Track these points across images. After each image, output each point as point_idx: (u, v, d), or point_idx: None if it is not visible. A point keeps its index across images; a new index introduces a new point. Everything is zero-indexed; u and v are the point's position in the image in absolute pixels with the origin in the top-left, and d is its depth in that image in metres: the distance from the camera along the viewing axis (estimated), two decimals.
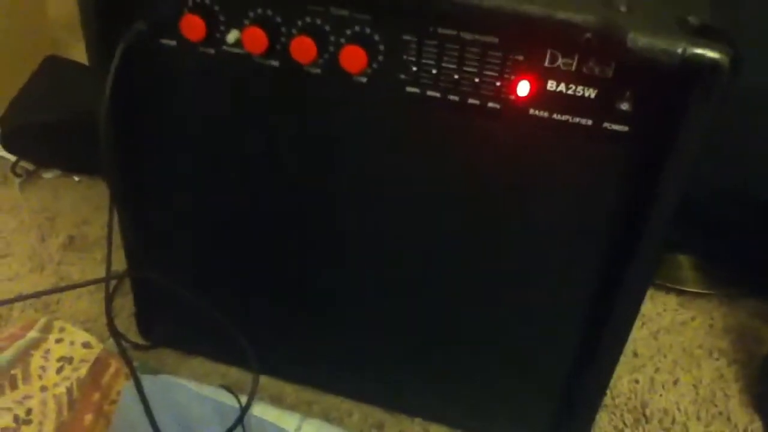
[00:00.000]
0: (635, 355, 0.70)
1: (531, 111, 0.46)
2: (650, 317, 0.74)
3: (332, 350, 0.64)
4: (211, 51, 0.50)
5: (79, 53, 0.90)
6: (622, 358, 0.69)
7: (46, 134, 0.81)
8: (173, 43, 0.50)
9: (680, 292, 0.77)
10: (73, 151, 0.83)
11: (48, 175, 0.87)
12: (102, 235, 0.79)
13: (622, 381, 0.68)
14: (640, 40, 0.40)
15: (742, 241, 0.76)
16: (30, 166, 0.86)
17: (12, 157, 0.85)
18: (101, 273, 0.59)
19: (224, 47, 0.49)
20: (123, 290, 0.72)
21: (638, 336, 0.72)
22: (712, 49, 0.40)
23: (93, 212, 0.82)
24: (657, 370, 0.69)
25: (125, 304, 0.71)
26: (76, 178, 0.86)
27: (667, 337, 0.72)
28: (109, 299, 0.50)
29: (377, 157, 0.51)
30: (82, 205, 0.83)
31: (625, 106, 0.44)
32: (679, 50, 0.40)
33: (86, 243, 0.79)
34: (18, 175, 0.85)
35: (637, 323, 0.73)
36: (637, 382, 0.68)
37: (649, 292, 0.77)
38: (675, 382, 0.68)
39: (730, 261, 0.78)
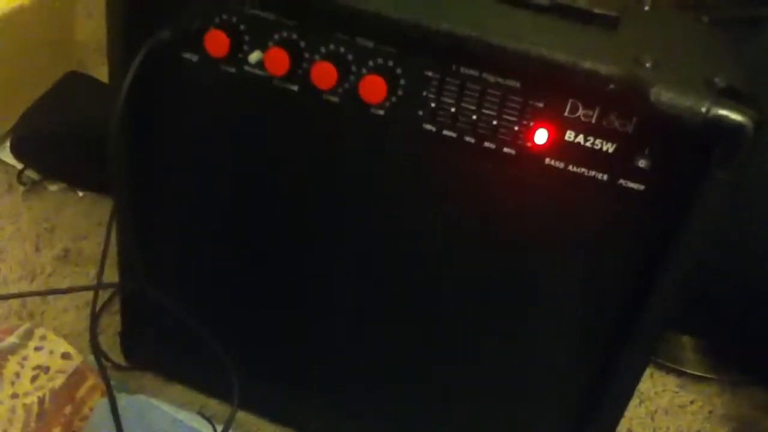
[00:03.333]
0: None
1: (547, 160, 0.45)
2: (648, 396, 0.72)
3: (315, 390, 0.61)
4: (233, 69, 0.50)
5: (103, 74, 0.91)
6: None
7: (54, 144, 0.81)
8: (195, 58, 0.50)
9: (681, 374, 0.74)
10: (80, 166, 0.83)
11: (53, 187, 0.86)
12: (97, 252, 0.78)
13: None
14: (663, 95, 0.40)
15: (748, 328, 0.74)
16: (36, 176, 0.85)
17: (19, 165, 0.84)
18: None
19: (246, 67, 0.49)
20: (111, 309, 0.70)
21: (635, 414, 0.70)
22: (737, 111, 0.39)
23: (92, 228, 0.81)
24: None
25: (111, 323, 0.69)
26: (80, 193, 0.86)
27: (665, 418, 0.70)
28: (94, 310, 0.48)
29: (387, 192, 0.50)
30: (82, 220, 0.82)
31: (642, 164, 0.43)
32: (703, 109, 0.39)
33: (81, 258, 0.77)
34: (23, 184, 0.84)
35: (635, 401, 0.71)
36: None
37: (649, 370, 0.75)
38: None
39: (735, 347, 0.76)
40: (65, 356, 0.56)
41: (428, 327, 0.55)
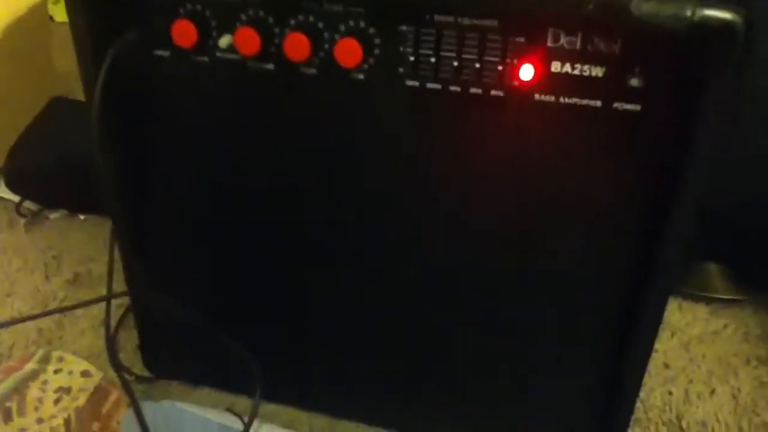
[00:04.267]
0: (666, 366, 0.66)
1: (537, 96, 0.44)
2: (679, 327, 0.70)
3: (344, 375, 0.60)
4: (205, 59, 0.48)
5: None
6: (653, 370, 0.66)
7: (49, 172, 0.80)
8: (167, 53, 0.49)
9: (710, 300, 0.73)
10: (78, 190, 0.82)
11: (54, 215, 0.85)
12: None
13: (655, 394, 0.64)
14: (644, 6, 0.38)
15: None
16: (35, 207, 0.85)
17: (16, 198, 0.84)
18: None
19: (218, 53, 0.48)
20: (127, 324, 0.70)
21: (668, 347, 0.68)
22: (723, 9, 0.37)
23: (98, 250, 0.81)
24: (691, 381, 0.65)
25: (130, 338, 0.68)
26: (82, 217, 0.85)
27: (700, 346, 0.68)
28: (108, 322, 0.48)
29: (379, 157, 0.49)
30: (87, 244, 0.82)
31: (635, 83, 0.42)
32: (688, 13, 0.38)
33: (91, 280, 0.77)
34: (23, 216, 0.83)
35: (666, 334, 0.70)
36: (670, 393, 0.64)
37: (677, 302, 0.73)
38: (711, 393, 0.64)
39: (762, 266, 0.74)
40: (85, 374, 0.55)
41: (438, 294, 0.54)
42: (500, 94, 0.44)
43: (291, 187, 0.52)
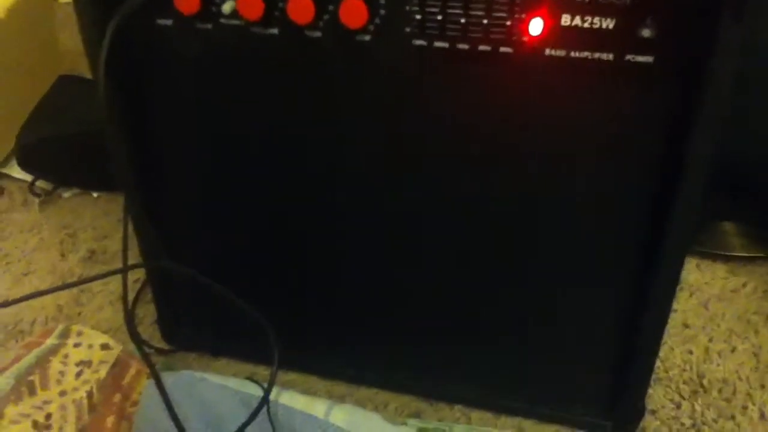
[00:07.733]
0: (686, 326, 0.66)
1: (546, 51, 0.43)
2: (698, 287, 0.70)
3: (362, 340, 0.61)
4: (209, 26, 0.48)
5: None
6: (672, 330, 0.65)
7: (61, 149, 0.81)
8: (170, 22, 0.49)
9: (728, 259, 0.72)
10: (90, 167, 0.82)
11: (67, 194, 0.86)
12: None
13: (675, 353, 0.63)
14: None
15: None
16: (48, 186, 0.85)
17: (29, 177, 0.84)
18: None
19: (221, 20, 0.47)
20: (145, 298, 0.70)
21: (687, 307, 0.68)
22: None
23: (113, 226, 0.81)
24: (711, 339, 0.64)
25: (148, 312, 0.69)
26: (95, 195, 0.85)
27: (719, 305, 0.68)
28: (126, 294, 0.48)
29: (388, 121, 0.49)
30: (102, 221, 0.82)
31: (647, 34, 0.41)
32: None
33: (107, 256, 0.77)
34: (37, 195, 0.84)
35: (685, 294, 0.69)
36: (690, 353, 0.63)
37: (695, 261, 0.72)
38: (732, 351, 0.63)
39: None
40: (105, 347, 0.56)
41: (457, 255, 0.53)
42: (509, 50, 0.43)
43: (300, 152, 0.52)
